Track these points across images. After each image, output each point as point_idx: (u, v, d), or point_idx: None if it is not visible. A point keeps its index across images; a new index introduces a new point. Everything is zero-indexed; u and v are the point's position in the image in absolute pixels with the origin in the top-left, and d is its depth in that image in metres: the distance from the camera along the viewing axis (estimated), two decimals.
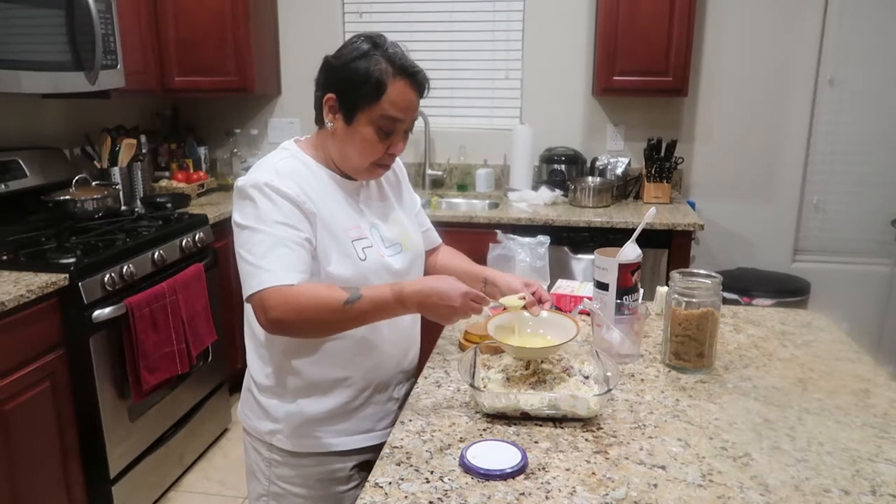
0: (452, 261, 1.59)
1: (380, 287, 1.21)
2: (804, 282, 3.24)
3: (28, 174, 2.58)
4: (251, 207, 1.22)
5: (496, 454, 1.04)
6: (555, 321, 1.36)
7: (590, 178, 3.33)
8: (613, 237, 2.88)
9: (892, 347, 3.31)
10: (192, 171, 3.48)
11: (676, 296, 1.37)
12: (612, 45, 3.09)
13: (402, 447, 1.10)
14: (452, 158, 3.63)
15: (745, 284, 3.12)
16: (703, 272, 1.42)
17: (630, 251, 1.44)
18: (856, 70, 3.26)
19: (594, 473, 1.02)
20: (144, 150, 3.21)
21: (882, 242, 3.37)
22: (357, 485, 1.39)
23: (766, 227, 3.46)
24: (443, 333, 1.61)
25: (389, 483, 1.00)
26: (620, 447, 1.10)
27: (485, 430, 1.15)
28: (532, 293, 1.36)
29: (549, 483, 0.99)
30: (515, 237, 1.85)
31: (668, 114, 3.41)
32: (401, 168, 1.51)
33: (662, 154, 3.23)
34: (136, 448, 2.36)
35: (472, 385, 1.19)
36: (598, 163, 3.38)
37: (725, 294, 2.88)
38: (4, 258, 2.15)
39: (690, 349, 1.37)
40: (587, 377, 1.26)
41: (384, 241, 1.35)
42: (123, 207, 2.89)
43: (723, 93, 3.36)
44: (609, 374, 1.22)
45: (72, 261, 2.10)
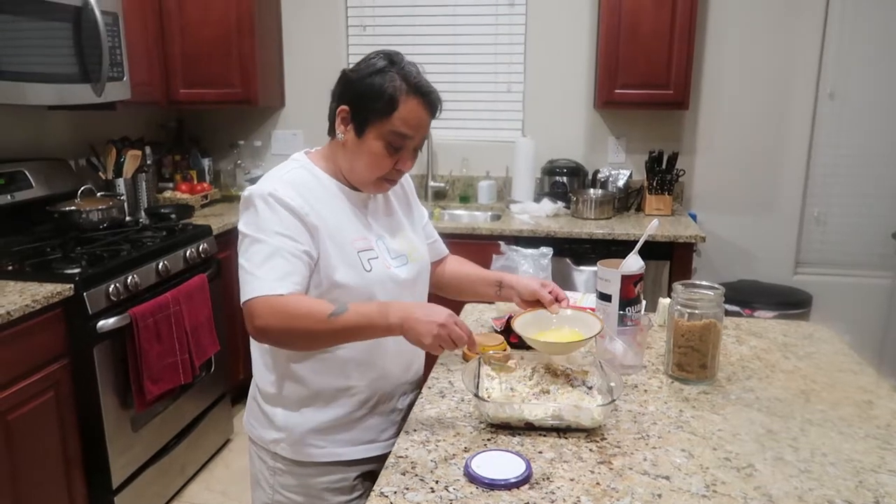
0: (463, 268, 1.59)
1: (369, 303, 1.22)
2: (806, 294, 3.25)
3: (34, 185, 2.60)
4: (253, 216, 1.24)
5: (500, 464, 1.05)
6: (577, 317, 1.39)
7: (591, 191, 3.35)
8: (615, 249, 2.88)
9: (895, 359, 3.31)
10: (196, 183, 3.50)
11: (679, 307, 1.38)
12: (614, 59, 3.11)
13: (407, 457, 1.11)
14: (455, 170, 3.65)
15: (747, 296, 3.13)
16: (706, 283, 1.43)
17: (633, 262, 1.45)
18: (856, 83, 3.28)
19: (598, 483, 1.02)
20: (149, 162, 3.23)
21: (883, 255, 3.37)
22: (360, 495, 1.39)
23: (768, 240, 3.46)
24: None
25: (395, 492, 1.01)
26: (624, 457, 1.10)
27: (489, 440, 1.16)
28: (549, 292, 1.41)
29: (554, 493, 1.00)
30: (518, 248, 1.86)
31: (670, 126, 3.43)
32: (408, 182, 1.52)
33: (664, 166, 3.24)
34: (139, 458, 2.36)
35: (477, 395, 1.20)
36: (600, 175, 3.39)
37: (727, 306, 2.87)
38: (10, 268, 2.16)
39: (693, 360, 1.38)
40: (591, 388, 1.27)
41: (390, 253, 1.36)
42: (128, 218, 2.91)
43: (724, 106, 3.38)
44: (612, 385, 1.22)
45: (76, 271, 2.11)
